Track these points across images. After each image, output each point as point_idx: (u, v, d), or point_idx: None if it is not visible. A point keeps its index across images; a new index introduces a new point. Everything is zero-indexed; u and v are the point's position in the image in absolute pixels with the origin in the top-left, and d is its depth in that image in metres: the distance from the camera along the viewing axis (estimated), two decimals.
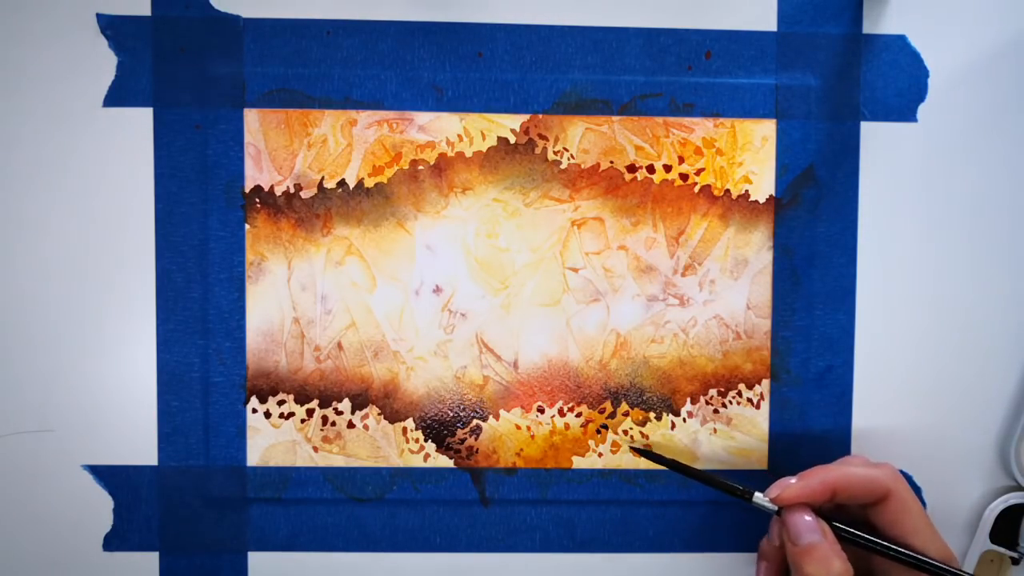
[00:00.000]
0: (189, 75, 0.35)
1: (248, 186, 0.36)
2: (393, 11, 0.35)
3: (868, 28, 0.36)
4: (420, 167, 0.36)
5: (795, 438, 0.36)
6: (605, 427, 0.36)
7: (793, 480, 0.31)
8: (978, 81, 0.36)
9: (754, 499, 0.31)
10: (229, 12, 0.35)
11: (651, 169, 0.36)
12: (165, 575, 0.36)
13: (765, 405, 0.36)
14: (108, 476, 0.36)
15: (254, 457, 0.36)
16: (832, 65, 0.36)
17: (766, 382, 0.36)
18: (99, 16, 0.35)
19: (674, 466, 0.34)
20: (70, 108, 0.35)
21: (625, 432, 0.36)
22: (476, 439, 0.36)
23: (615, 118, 0.36)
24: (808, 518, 0.30)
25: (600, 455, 0.36)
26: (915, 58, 0.36)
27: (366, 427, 0.36)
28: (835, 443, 0.36)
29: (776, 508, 0.31)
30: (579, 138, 0.36)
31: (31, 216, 0.35)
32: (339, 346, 0.36)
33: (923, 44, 0.36)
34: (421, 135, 0.36)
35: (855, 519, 0.32)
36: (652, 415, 0.36)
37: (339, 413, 0.36)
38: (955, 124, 0.36)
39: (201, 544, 0.36)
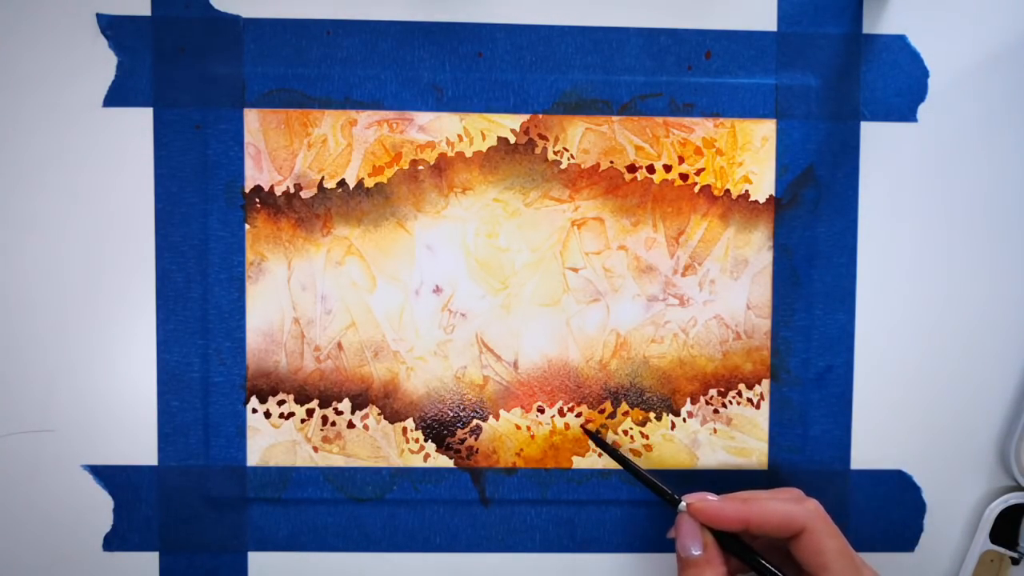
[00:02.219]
0: (189, 75, 0.35)
1: (248, 186, 0.36)
2: (393, 11, 0.35)
3: (868, 28, 0.36)
4: (420, 167, 0.36)
5: (795, 438, 0.36)
6: (605, 427, 0.36)
7: (713, 498, 0.31)
8: (978, 81, 0.36)
9: (680, 507, 0.31)
10: (229, 12, 0.35)
11: (651, 169, 0.36)
12: (165, 575, 0.36)
13: (765, 405, 0.36)
14: (108, 476, 0.36)
15: (254, 457, 0.36)
16: (832, 65, 0.36)
17: (766, 382, 0.36)
18: (99, 16, 0.35)
19: (615, 455, 0.34)
20: (70, 108, 0.35)
21: (625, 432, 0.36)
22: (476, 439, 0.36)
23: (615, 118, 0.36)
24: (694, 529, 0.31)
25: (600, 455, 0.36)
26: (915, 58, 0.36)
27: (366, 427, 0.36)
28: (835, 443, 0.36)
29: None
30: (579, 138, 0.36)
31: (31, 216, 0.35)
32: (339, 346, 0.36)
33: (923, 44, 0.36)
34: (421, 135, 0.36)
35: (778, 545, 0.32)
36: (652, 415, 0.36)
37: (339, 413, 0.36)
38: (955, 124, 0.36)
39: (201, 544, 0.36)
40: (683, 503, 0.31)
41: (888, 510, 0.37)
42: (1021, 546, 0.37)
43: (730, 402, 0.36)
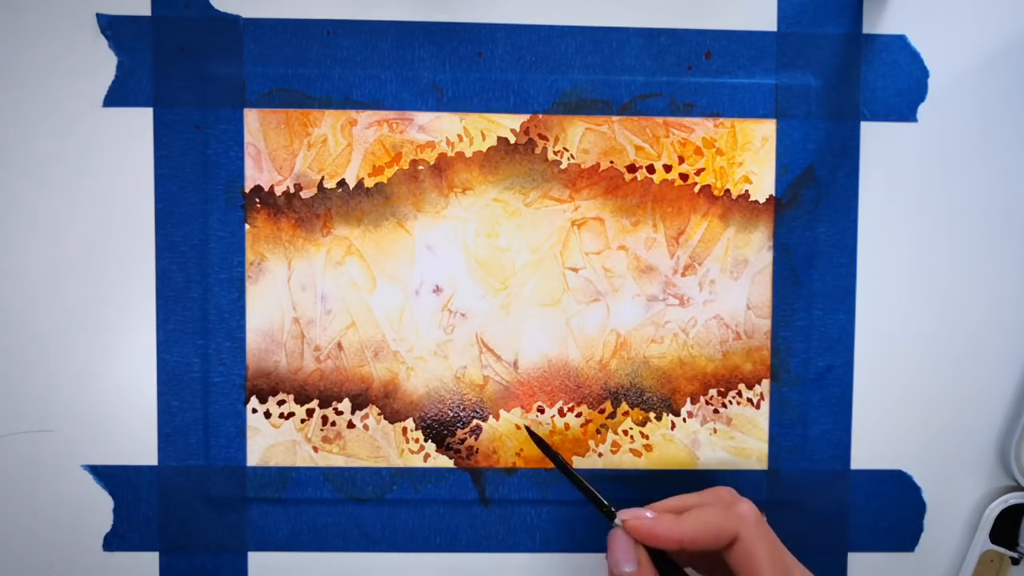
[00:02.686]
0: (189, 75, 0.35)
1: (248, 186, 0.36)
2: (393, 11, 0.35)
3: (868, 28, 0.36)
4: (420, 167, 0.36)
5: (795, 438, 0.36)
6: (605, 427, 0.36)
7: (648, 515, 0.30)
8: (978, 81, 0.36)
9: (615, 521, 0.30)
10: (229, 12, 0.35)
11: (651, 169, 0.36)
12: (165, 575, 0.36)
13: (765, 405, 0.36)
14: (108, 476, 0.36)
15: (254, 457, 0.36)
16: (832, 65, 0.36)
17: (766, 382, 0.36)
18: (99, 16, 0.35)
19: (556, 461, 0.32)
20: (70, 108, 0.35)
21: (625, 432, 0.36)
22: (476, 439, 0.36)
23: (615, 118, 0.36)
24: (627, 545, 0.30)
25: (600, 455, 0.36)
26: (915, 58, 0.36)
27: (366, 427, 0.36)
28: (835, 443, 0.36)
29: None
30: (579, 138, 0.36)
31: (31, 216, 0.35)
32: (339, 346, 0.36)
33: (923, 44, 0.36)
34: (421, 135, 0.36)
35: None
36: (652, 415, 0.36)
37: (339, 413, 0.36)
38: (955, 124, 0.36)
39: (201, 544, 0.36)
40: (618, 519, 0.30)
41: (888, 510, 0.37)
42: (1021, 546, 0.37)
43: (730, 402, 0.36)
